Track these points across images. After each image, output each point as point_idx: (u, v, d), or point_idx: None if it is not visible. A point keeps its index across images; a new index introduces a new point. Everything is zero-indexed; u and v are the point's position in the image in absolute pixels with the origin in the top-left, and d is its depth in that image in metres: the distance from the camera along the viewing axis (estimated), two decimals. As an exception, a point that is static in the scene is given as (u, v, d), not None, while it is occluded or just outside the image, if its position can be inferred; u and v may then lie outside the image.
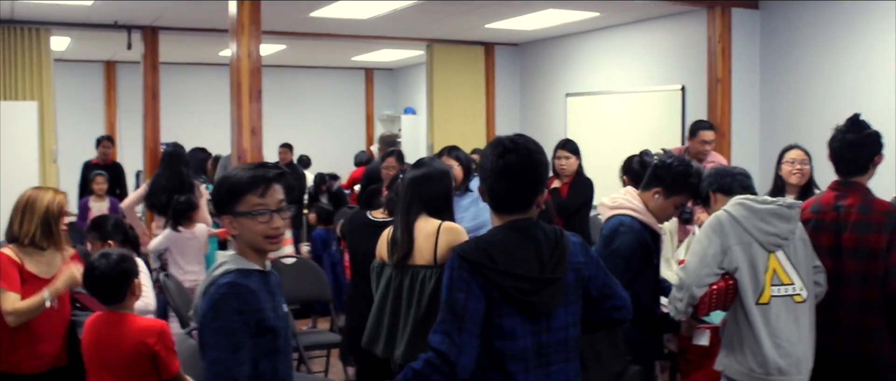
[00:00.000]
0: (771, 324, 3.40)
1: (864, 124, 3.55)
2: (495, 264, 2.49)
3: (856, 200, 3.51)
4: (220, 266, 2.57)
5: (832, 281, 3.52)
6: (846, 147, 3.55)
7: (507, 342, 2.52)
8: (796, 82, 7.42)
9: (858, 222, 3.47)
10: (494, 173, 2.58)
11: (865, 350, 3.48)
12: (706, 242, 3.43)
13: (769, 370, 3.41)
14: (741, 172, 3.74)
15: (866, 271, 3.45)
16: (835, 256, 3.51)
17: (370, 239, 4.24)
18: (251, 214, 2.53)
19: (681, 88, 8.16)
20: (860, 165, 3.55)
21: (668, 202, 3.72)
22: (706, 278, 3.39)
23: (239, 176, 2.56)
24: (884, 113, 6.69)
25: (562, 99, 9.93)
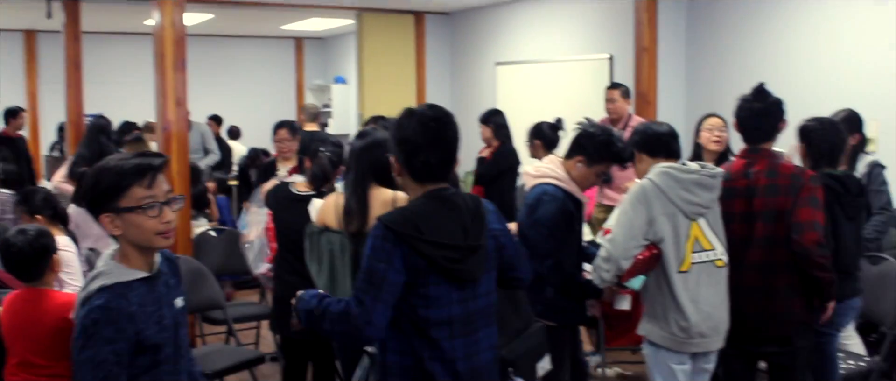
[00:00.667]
0: (691, 290, 3.50)
1: (767, 93, 3.67)
2: (422, 234, 2.50)
3: (764, 165, 3.63)
4: (96, 277, 2.32)
5: (743, 245, 3.62)
6: (753, 116, 3.66)
7: (432, 310, 2.56)
8: (721, 51, 7.55)
9: (767, 187, 3.59)
10: (422, 143, 2.58)
11: (774, 310, 3.61)
12: (632, 213, 3.48)
13: (691, 334, 3.51)
14: (667, 133, 3.74)
15: (773, 233, 3.57)
16: (747, 221, 3.62)
17: (293, 212, 4.24)
18: (140, 209, 2.29)
19: (609, 57, 8.25)
20: (766, 132, 3.68)
21: (590, 171, 3.78)
22: (633, 251, 3.46)
23: (120, 166, 2.29)
24: (804, 80, 6.87)
25: (491, 68, 9.95)
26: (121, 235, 2.32)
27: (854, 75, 6.57)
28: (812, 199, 3.56)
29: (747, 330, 3.66)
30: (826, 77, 6.73)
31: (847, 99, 5.81)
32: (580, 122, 3.86)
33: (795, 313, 3.64)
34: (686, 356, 3.59)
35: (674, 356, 3.57)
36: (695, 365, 3.64)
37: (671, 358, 3.58)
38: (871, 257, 4.70)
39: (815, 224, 3.53)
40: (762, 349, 3.71)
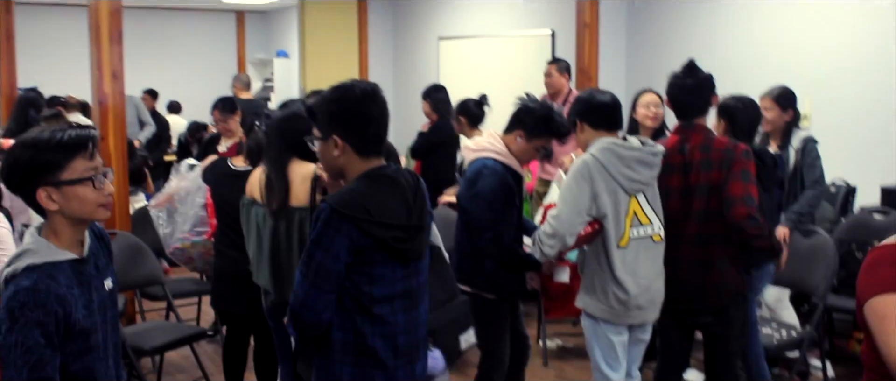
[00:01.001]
0: (629, 264, 3.55)
1: (698, 69, 3.73)
2: (371, 215, 2.49)
3: (698, 141, 3.69)
4: (22, 255, 2.23)
5: (681, 219, 3.68)
6: (685, 92, 3.71)
7: (377, 287, 2.56)
8: (661, 27, 7.64)
9: (702, 162, 3.65)
10: (373, 116, 2.55)
11: (709, 281, 3.69)
12: (576, 189, 3.51)
13: (629, 307, 3.57)
14: (610, 102, 3.68)
15: (708, 207, 3.64)
16: (684, 196, 3.68)
17: (231, 188, 4.21)
18: (84, 181, 2.23)
19: (551, 32, 8.29)
20: (699, 107, 3.74)
21: (529, 145, 3.81)
22: (578, 227, 3.51)
23: (61, 138, 2.22)
24: (741, 57, 6.99)
25: (434, 42, 9.93)
26: (57, 210, 2.25)
27: (790, 52, 6.70)
28: (744, 173, 3.63)
29: (684, 301, 3.74)
30: (763, 54, 6.85)
31: (783, 75, 5.93)
32: (520, 97, 3.87)
33: (729, 284, 3.72)
34: (624, 328, 3.66)
35: (612, 327, 3.63)
36: (632, 336, 3.72)
37: (609, 330, 3.64)
38: (804, 230, 4.82)
39: (746, 199, 3.59)
40: (698, 319, 3.80)
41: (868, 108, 6.26)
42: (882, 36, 6.19)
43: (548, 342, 5.74)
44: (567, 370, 5.49)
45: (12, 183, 2.29)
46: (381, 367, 2.61)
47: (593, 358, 3.73)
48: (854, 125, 6.32)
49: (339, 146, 2.55)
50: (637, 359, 3.81)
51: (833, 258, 4.68)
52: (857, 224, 5.47)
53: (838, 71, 6.42)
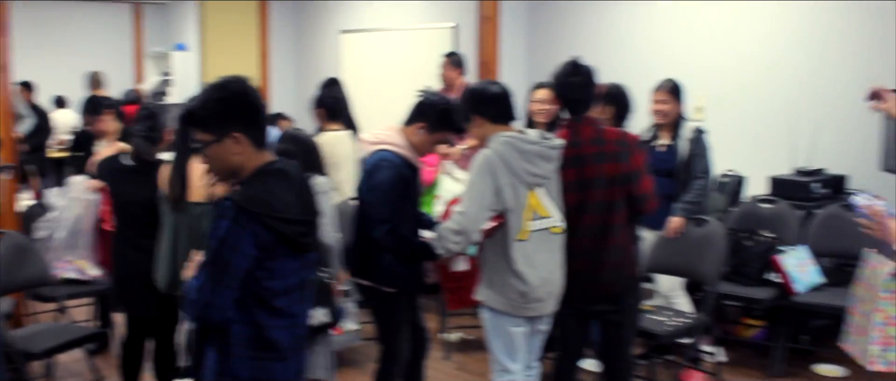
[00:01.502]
0: (529, 257, 3.58)
1: (582, 65, 3.78)
2: (275, 211, 2.49)
3: (589, 133, 3.73)
4: None
5: (578, 211, 3.73)
6: (575, 89, 3.76)
7: (277, 281, 2.56)
8: (563, 21, 7.73)
9: (596, 154, 3.70)
10: (259, 108, 2.58)
11: (605, 270, 3.75)
12: (480, 184, 3.52)
13: (528, 300, 3.60)
14: (502, 93, 3.70)
15: (606, 198, 3.70)
16: (580, 189, 3.72)
17: (127, 183, 4.12)
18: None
19: (453, 26, 8.31)
20: (589, 101, 3.80)
21: (430, 138, 3.83)
22: (483, 222, 3.53)
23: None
24: (639, 50, 7.13)
25: (336, 36, 9.85)
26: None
27: (685, 46, 6.86)
28: (646, 166, 3.76)
29: (581, 291, 3.79)
30: (660, 47, 7.01)
31: (678, 69, 6.07)
32: (421, 90, 3.88)
33: (624, 272, 3.81)
34: (523, 320, 3.69)
35: (512, 320, 3.66)
36: (531, 328, 3.75)
37: (509, 322, 3.66)
38: (696, 219, 4.95)
39: (654, 191, 3.79)
40: (594, 307, 3.86)
41: (757, 101, 6.47)
42: (770, 33, 6.41)
43: (449, 335, 5.76)
44: (468, 362, 5.52)
45: None
46: (281, 359, 2.63)
47: (493, 350, 3.75)
48: (744, 118, 6.52)
49: (241, 142, 2.53)
50: (536, 351, 3.85)
51: (723, 247, 4.82)
52: (746, 213, 5.65)
53: (730, 67, 6.62)
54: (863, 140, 5.78)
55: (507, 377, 3.73)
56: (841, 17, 5.99)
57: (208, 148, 2.56)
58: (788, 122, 6.14)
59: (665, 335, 4.58)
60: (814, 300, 5.10)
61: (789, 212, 5.53)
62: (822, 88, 6.14)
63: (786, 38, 6.33)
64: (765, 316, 5.70)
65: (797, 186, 5.69)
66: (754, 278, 5.34)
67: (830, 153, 5.94)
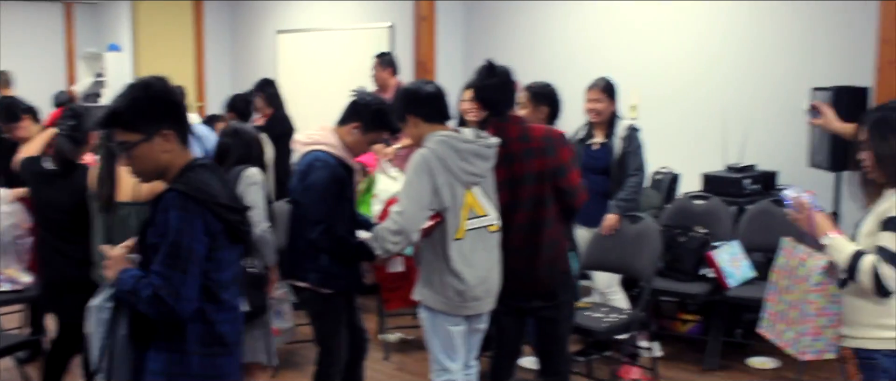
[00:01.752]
0: (466, 256, 3.59)
1: (497, 66, 3.77)
2: (218, 199, 2.51)
3: (515, 131, 3.75)
4: None
5: (510, 209, 3.74)
6: (495, 91, 3.76)
7: (223, 272, 2.58)
8: (499, 20, 7.76)
9: (524, 152, 3.71)
10: (182, 106, 2.61)
11: (539, 265, 3.77)
12: (418, 184, 3.51)
13: (466, 298, 3.61)
14: (436, 93, 3.71)
15: (536, 194, 3.72)
16: (511, 187, 3.73)
17: (48, 187, 4.06)
18: None
19: (389, 26, 8.29)
20: (509, 101, 3.82)
21: (365, 138, 3.82)
22: (422, 222, 3.52)
23: None
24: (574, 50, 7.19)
25: (272, 36, 9.77)
26: None
27: (620, 46, 6.94)
28: (574, 160, 3.80)
29: (516, 287, 3.81)
30: (595, 48, 7.07)
31: (613, 68, 6.14)
32: (354, 90, 3.87)
33: (558, 267, 3.84)
34: (461, 319, 3.69)
35: (450, 319, 3.66)
36: (469, 326, 3.76)
37: (447, 321, 3.66)
38: (631, 216, 5.01)
39: (582, 183, 3.82)
40: (530, 304, 3.87)
41: (691, 100, 6.58)
42: (703, 34, 6.51)
43: (388, 335, 5.75)
44: (408, 362, 5.52)
45: None
46: (228, 352, 2.65)
47: (432, 350, 3.75)
48: (678, 117, 6.62)
49: (170, 140, 2.54)
50: (474, 349, 3.86)
51: (657, 243, 4.88)
52: (680, 210, 5.73)
53: (664, 67, 6.71)
54: (792, 138, 5.92)
55: (447, 376, 3.73)
56: (771, 19, 6.12)
57: (136, 148, 2.52)
58: (721, 120, 6.24)
59: (601, 332, 4.63)
60: (746, 294, 5.19)
61: (722, 208, 5.63)
62: (753, 88, 6.26)
63: (718, 39, 6.44)
64: (700, 311, 5.79)
65: (729, 183, 5.80)
66: (689, 273, 5.42)
67: (761, 151, 6.07)
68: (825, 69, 5.76)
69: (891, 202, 2.82)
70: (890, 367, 2.85)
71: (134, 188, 3.66)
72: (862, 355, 2.89)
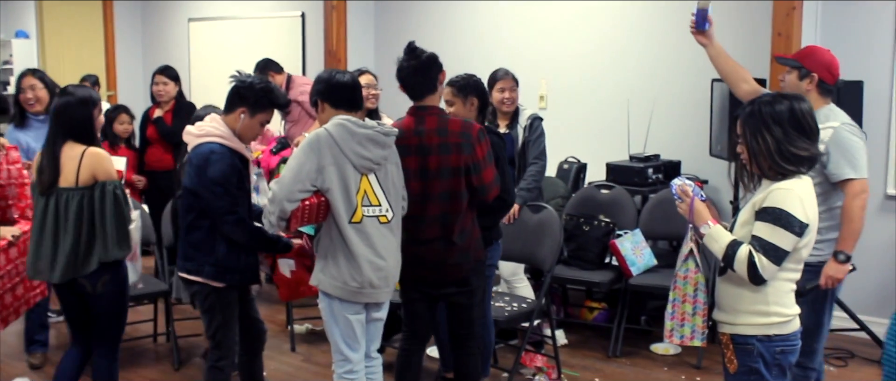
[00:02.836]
0: (364, 242, 3.58)
1: (419, 50, 3.80)
2: None
3: (433, 124, 3.76)
4: None
5: (421, 200, 3.76)
6: (412, 73, 3.78)
7: None
8: (409, 11, 7.73)
9: (440, 145, 3.74)
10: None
11: (453, 257, 3.80)
12: (303, 158, 3.52)
13: (362, 285, 3.59)
14: (350, 83, 3.72)
15: (450, 188, 3.75)
16: (423, 178, 3.76)
17: None
18: None
19: (300, 14, 8.22)
20: (428, 86, 3.81)
21: (253, 120, 3.80)
22: (298, 194, 3.50)
23: None
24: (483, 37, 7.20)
25: (184, 24, 9.60)
26: None
27: (528, 40, 6.97)
28: (489, 155, 3.81)
29: (430, 276, 3.85)
30: (503, 41, 7.09)
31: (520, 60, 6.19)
32: (233, 75, 3.83)
33: (471, 257, 3.87)
34: (361, 307, 3.69)
35: (349, 306, 3.65)
36: (368, 315, 3.75)
37: (346, 309, 3.65)
38: (533, 205, 5.04)
39: (496, 179, 3.84)
40: (443, 290, 3.90)
41: (597, 91, 6.65)
42: (611, 28, 6.58)
43: (296, 326, 5.71)
44: (314, 354, 5.48)
45: None
46: None
47: (333, 339, 3.73)
48: (585, 107, 6.69)
49: None
50: (375, 339, 3.85)
51: (559, 232, 4.93)
52: (585, 199, 5.80)
53: (571, 59, 6.76)
54: (695, 128, 6.04)
55: (347, 366, 3.71)
56: (675, 14, 6.19)
57: None
58: (626, 111, 6.33)
59: (504, 320, 4.66)
60: (648, 282, 5.28)
61: (626, 197, 5.71)
62: (658, 80, 6.36)
63: (625, 33, 6.52)
64: (605, 299, 5.88)
65: (633, 172, 5.88)
66: (594, 262, 5.49)
67: (665, 141, 6.18)
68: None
69: (765, 193, 2.89)
70: (764, 352, 2.92)
71: (75, 174, 3.74)
72: (738, 340, 2.95)
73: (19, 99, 5.03)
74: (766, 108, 2.89)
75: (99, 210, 3.72)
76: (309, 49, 8.06)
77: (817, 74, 3.78)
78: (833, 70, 3.83)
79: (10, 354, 5.39)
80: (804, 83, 3.79)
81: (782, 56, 4.16)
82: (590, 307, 5.92)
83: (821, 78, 3.78)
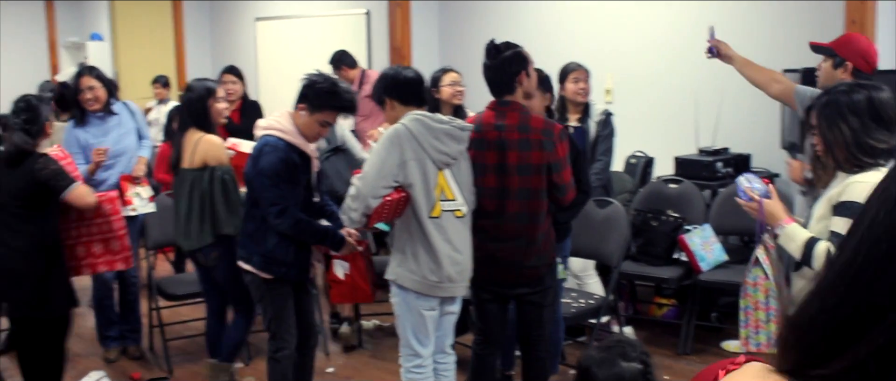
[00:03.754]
0: (443, 236, 3.59)
1: (499, 48, 3.74)
2: None
3: (514, 119, 3.71)
4: None
5: (500, 196, 3.73)
6: (487, 71, 3.75)
7: None
8: (473, 7, 7.72)
9: (520, 141, 3.69)
10: None
11: (530, 257, 3.76)
12: (385, 153, 3.54)
13: (442, 279, 3.60)
14: (415, 79, 3.76)
15: (530, 186, 3.70)
16: (501, 173, 3.71)
17: None
18: None
19: (366, 12, 8.27)
20: (505, 84, 3.75)
21: (312, 118, 3.81)
22: (381, 190, 3.51)
23: None
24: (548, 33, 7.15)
25: (251, 24, 9.73)
26: None
27: (594, 31, 6.91)
28: (568, 156, 3.77)
29: (504, 276, 3.81)
30: (569, 32, 7.04)
31: (586, 53, 6.12)
32: (307, 74, 3.87)
33: (547, 257, 3.83)
34: (435, 301, 3.69)
35: (424, 300, 3.66)
36: (442, 309, 3.75)
37: (421, 303, 3.66)
38: (600, 200, 4.99)
39: (573, 181, 3.80)
40: (515, 290, 3.86)
41: (664, 83, 6.55)
42: (674, 15, 6.48)
43: (364, 322, 5.74)
44: (382, 350, 5.51)
45: None
46: None
47: (403, 333, 3.75)
48: (652, 100, 6.60)
49: None
50: (448, 334, 3.85)
51: (626, 227, 4.87)
52: (652, 194, 5.72)
53: (637, 51, 6.68)
54: (765, 120, 5.90)
55: (416, 361, 3.73)
56: (744, 2, 6.08)
57: None
58: (694, 103, 6.22)
59: (571, 317, 4.62)
60: (719, 278, 5.18)
61: (694, 192, 5.62)
62: (725, 70, 6.17)
63: (692, 23, 6.38)
64: (675, 295, 5.79)
65: (702, 166, 5.78)
66: (662, 257, 5.41)
67: (735, 133, 6.06)
68: (795, 52, 5.73)
69: (842, 187, 2.80)
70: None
71: (192, 157, 4.20)
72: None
73: (79, 98, 5.16)
74: (843, 97, 2.80)
75: (208, 192, 4.14)
76: (374, 46, 8.11)
77: (852, 62, 3.66)
78: (869, 58, 3.70)
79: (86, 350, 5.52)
80: (838, 72, 3.68)
81: (817, 44, 4.02)
82: (659, 304, 5.84)
83: (856, 66, 3.67)
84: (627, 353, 2.42)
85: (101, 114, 5.15)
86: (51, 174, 4.06)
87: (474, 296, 3.93)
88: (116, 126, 5.20)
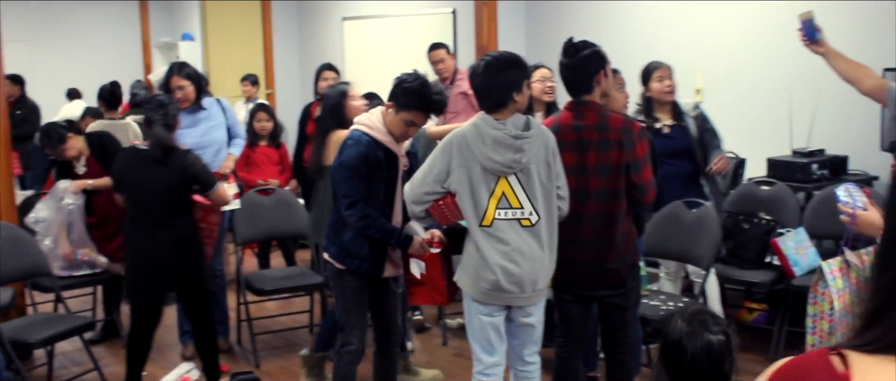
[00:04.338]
0: (494, 245, 3.50)
1: (577, 47, 3.68)
2: None
3: (593, 119, 3.65)
4: None
5: (578, 197, 3.66)
6: (566, 70, 3.70)
7: None
8: (560, 4, 7.67)
9: (600, 142, 3.63)
10: None
11: (611, 259, 3.68)
12: (434, 158, 3.56)
13: (495, 288, 3.52)
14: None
15: (609, 186, 3.64)
16: (579, 174, 3.65)
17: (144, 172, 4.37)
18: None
19: (452, 11, 8.28)
20: (582, 84, 3.69)
21: (397, 117, 3.80)
22: (425, 197, 3.53)
23: None
24: (635, 32, 7.06)
25: (338, 23, 9.84)
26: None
27: (683, 29, 6.79)
28: (648, 155, 3.70)
29: (585, 278, 3.74)
30: (658, 29, 6.94)
31: (675, 50, 6.02)
32: (403, 73, 3.87)
33: (628, 259, 3.75)
34: (497, 309, 3.61)
35: (483, 308, 3.60)
36: (515, 319, 3.67)
37: (481, 311, 3.61)
38: (690, 202, 4.90)
39: (654, 180, 3.73)
40: (597, 293, 3.79)
41: (756, 82, 6.40)
42: (766, 12, 6.32)
43: (449, 320, 5.75)
44: (466, 349, 5.48)
45: None
46: None
47: (470, 339, 3.72)
48: (743, 99, 6.46)
49: None
50: (528, 344, 3.73)
51: (717, 230, 4.76)
52: (744, 195, 5.58)
53: (727, 48, 6.55)
54: (863, 120, 5.70)
55: (480, 366, 3.67)
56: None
57: None
58: (787, 102, 6.06)
59: (659, 320, 4.54)
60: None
61: (788, 194, 5.47)
62: (821, 68, 5.99)
63: (783, 14, 6.22)
64: (766, 300, 5.65)
65: (796, 168, 5.63)
66: (753, 261, 5.28)
67: (831, 134, 5.87)
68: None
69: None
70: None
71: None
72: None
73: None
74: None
75: None
76: (460, 45, 8.11)
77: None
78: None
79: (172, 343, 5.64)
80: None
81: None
82: (749, 308, 5.70)
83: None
84: (710, 324, 2.48)
85: (190, 108, 5.28)
86: (202, 169, 4.34)
87: (556, 297, 3.87)
88: (205, 119, 5.34)
